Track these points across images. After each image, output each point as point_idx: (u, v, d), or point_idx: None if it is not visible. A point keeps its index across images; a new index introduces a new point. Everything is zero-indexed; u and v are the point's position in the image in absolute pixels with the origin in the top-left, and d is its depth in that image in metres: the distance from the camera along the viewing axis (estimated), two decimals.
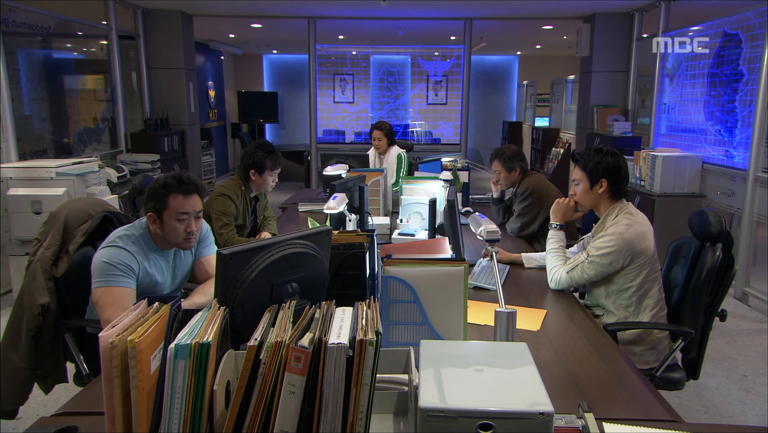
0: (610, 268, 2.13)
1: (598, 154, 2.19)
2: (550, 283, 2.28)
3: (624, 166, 2.20)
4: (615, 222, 2.16)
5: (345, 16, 7.02)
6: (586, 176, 2.22)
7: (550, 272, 2.28)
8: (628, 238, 2.09)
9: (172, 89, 6.67)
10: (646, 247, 2.12)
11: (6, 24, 4.46)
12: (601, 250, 2.13)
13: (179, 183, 1.93)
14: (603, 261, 2.12)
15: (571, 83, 8.51)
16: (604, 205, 2.23)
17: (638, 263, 2.12)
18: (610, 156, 2.18)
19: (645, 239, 2.12)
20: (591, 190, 2.22)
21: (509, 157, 3.26)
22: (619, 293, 2.17)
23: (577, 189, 2.27)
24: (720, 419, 2.75)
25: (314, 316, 1.05)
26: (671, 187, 4.85)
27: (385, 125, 4.58)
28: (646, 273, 2.13)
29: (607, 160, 2.18)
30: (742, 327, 3.90)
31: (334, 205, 2.28)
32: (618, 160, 2.18)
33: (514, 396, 1.00)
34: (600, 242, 2.15)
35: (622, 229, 2.11)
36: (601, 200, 2.23)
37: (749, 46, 4.46)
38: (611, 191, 2.20)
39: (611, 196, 2.21)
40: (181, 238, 1.96)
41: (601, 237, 2.16)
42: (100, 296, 1.84)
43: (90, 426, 1.21)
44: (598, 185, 2.20)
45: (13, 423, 2.49)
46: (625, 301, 2.16)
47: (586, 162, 2.21)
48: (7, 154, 4.31)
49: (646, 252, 2.12)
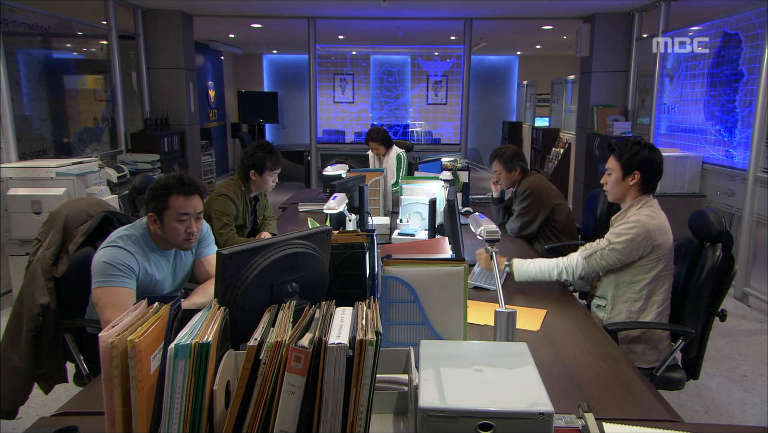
0: (629, 256, 2.12)
1: (635, 146, 2.18)
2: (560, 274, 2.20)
3: (660, 161, 2.18)
4: (638, 212, 2.15)
5: (345, 16, 7.02)
6: (620, 166, 2.20)
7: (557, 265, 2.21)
8: (650, 227, 2.09)
9: (172, 89, 6.67)
10: (665, 240, 2.12)
11: (6, 24, 4.46)
12: (622, 236, 2.11)
13: (180, 184, 1.93)
14: (624, 249, 2.11)
15: (571, 83, 8.51)
16: (631, 196, 2.22)
17: (656, 255, 2.11)
18: (648, 149, 2.17)
19: (665, 233, 2.12)
20: (623, 180, 2.20)
21: (509, 158, 3.26)
22: (629, 285, 2.16)
23: (609, 178, 2.25)
24: (720, 419, 2.75)
25: (314, 316, 1.05)
26: (671, 187, 4.85)
27: (379, 134, 4.57)
28: (661, 267, 2.12)
29: (643, 153, 2.17)
30: (742, 327, 3.90)
31: (334, 205, 2.28)
32: (654, 155, 2.17)
33: (514, 396, 1.00)
34: (622, 228, 2.13)
35: (644, 219, 2.11)
36: (630, 192, 2.21)
37: (749, 46, 4.46)
38: (642, 184, 2.19)
39: (641, 189, 2.19)
40: (182, 239, 1.96)
41: (622, 224, 2.15)
42: (100, 297, 1.84)
43: (90, 426, 1.21)
44: (630, 177, 2.19)
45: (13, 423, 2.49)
46: (634, 294, 2.15)
47: (622, 152, 2.20)
48: (7, 154, 4.31)
49: (665, 246, 2.12)
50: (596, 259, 2.16)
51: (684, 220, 2.34)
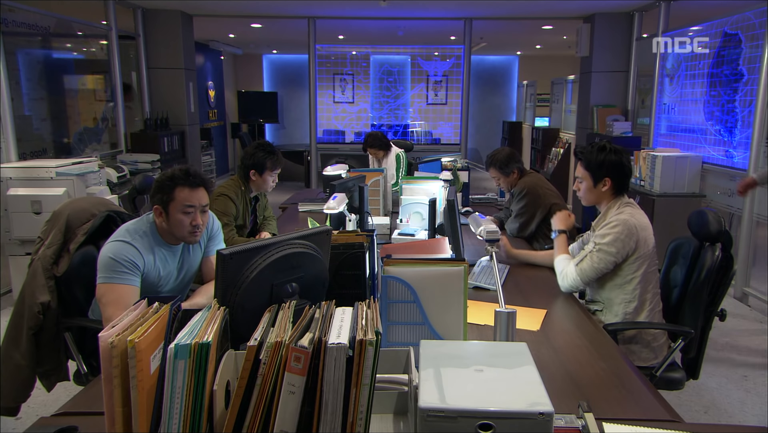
0: (617, 256, 2.12)
1: (601, 153, 2.17)
2: (560, 282, 2.26)
3: (627, 162, 2.19)
4: (617, 213, 2.17)
5: (345, 16, 7.02)
6: (590, 175, 2.20)
7: (560, 274, 2.27)
8: (631, 224, 2.10)
9: (172, 89, 6.67)
10: (647, 237, 2.13)
11: (6, 24, 4.46)
12: (606, 237, 2.12)
13: (186, 176, 1.94)
14: (611, 249, 2.11)
15: (571, 83, 8.51)
16: (606, 200, 2.23)
17: (641, 252, 2.12)
18: (613, 153, 2.17)
19: (646, 230, 2.14)
20: (594, 188, 2.21)
21: (504, 162, 3.26)
22: (623, 285, 2.16)
23: (581, 186, 2.26)
24: (720, 419, 2.75)
25: (314, 316, 1.05)
26: (671, 187, 4.85)
27: (375, 141, 4.54)
28: (647, 265, 2.14)
29: (610, 158, 2.16)
30: (742, 327, 3.90)
31: (334, 205, 2.28)
32: (621, 158, 2.18)
33: (514, 396, 1.00)
34: (604, 230, 2.14)
35: (625, 216, 2.12)
36: (604, 197, 2.23)
37: (749, 46, 4.45)
38: (615, 188, 2.20)
39: (614, 192, 2.21)
40: (187, 231, 1.96)
41: (604, 226, 2.16)
42: (104, 293, 1.85)
43: (90, 426, 1.21)
44: (601, 183, 2.19)
45: (13, 423, 2.50)
46: (627, 295, 2.16)
47: (589, 160, 2.19)
48: (7, 154, 4.30)
49: (648, 243, 2.13)
50: (587, 264, 2.16)
51: (684, 220, 2.34)
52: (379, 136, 4.59)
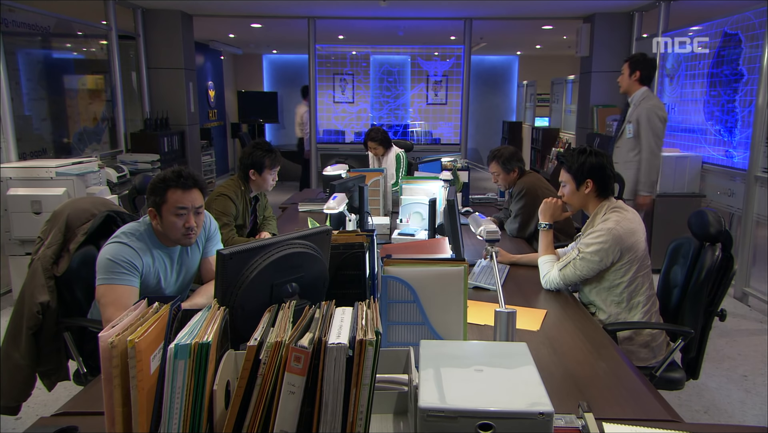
0: (600, 265, 2.15)
1: (581, 155, 2.22)
2: (543, 284, 2.30)
3: (608, 164, 2.22)
4: (604, 219, 2.18)
5: (345, 16, 7.02)
6: (572, 178, 2.25)
7: (543, 276, 2.31)
8: (617, 233, 2.11)
9: (172, 89, 6.67)
10: (635, 242, 2.13)
11: (6, 24, 4.46)
12: (591, 246, 2.14)
13: (178, 177, 1.93)
14: (593, 258, 2.14)
15: (571, 83, 8.51)
16: (592, 204, 2.26)
17: (628, 258, 2.13)
18: (594, 156, 2.21)
19: (634, 234, 2.14)
20: (578, 191, 2.25)
21: (507, 159, 3.26)
22: (609, 289, 2.18)
23: (565, 190, 2.30)
24: (720, 419, 2.75)
25: (314, 316, 1.05)
26: (671, 188, 4.85)
27: (378, 134, 4.55)
28: (635, 269, 2.14)
29: (590, 160, 2.20)
30: (742, 327, 3.90)
31: (334, 205, 2.28)
32: (602, 160, 2.21)
33: (514, 396, 1.00)
34: (590, 238, 2.16)
35: (611, 225, 2.13)
36: (589, 200, 2.25)
37: (749, 46, 4.45)
38: (598, 191, 2.23)
39: (598, 195, 2.24)
40: (180, 233, 1.95)
41: (590, 234, 2.18)
42: (103, 294, 1.85)
43: (90, 426, 1.21)
44: (584, 186, 2.23)
45: (13, 423, 2.50)
46: (616, 297, 2.17)
47: (571, 163, 2.24)
48: (7, 154, 4.30)
49: (636, 247, 2.13)
50: (570, 270, 2.20)
51: (684, 220, 2.34)
52: (382, 131, 4.61)
